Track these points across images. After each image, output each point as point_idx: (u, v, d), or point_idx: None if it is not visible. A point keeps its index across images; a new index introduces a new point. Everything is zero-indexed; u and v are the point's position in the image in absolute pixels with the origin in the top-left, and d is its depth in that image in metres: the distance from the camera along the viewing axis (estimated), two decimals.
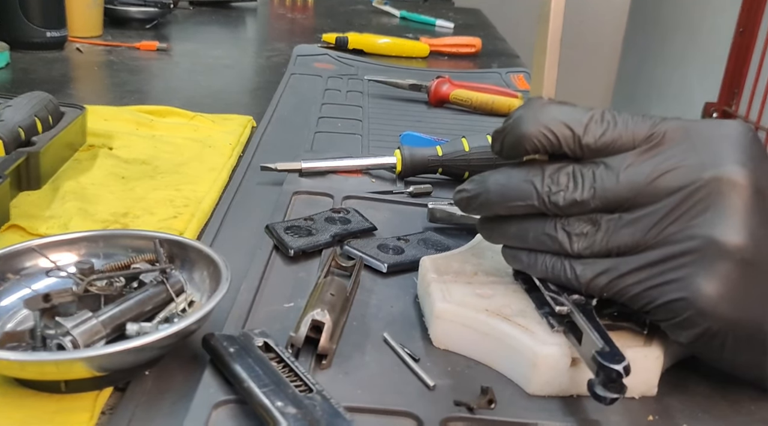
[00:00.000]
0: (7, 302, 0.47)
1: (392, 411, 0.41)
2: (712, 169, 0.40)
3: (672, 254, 0.40)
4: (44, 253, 0.49)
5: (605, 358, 0.39)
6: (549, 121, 0.43)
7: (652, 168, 0.41)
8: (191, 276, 0.50)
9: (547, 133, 0.43)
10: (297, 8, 2.01)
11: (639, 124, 0.42)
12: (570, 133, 0.42)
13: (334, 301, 0.48)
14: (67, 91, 1.05)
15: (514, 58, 1.54)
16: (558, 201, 0.42)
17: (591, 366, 0.40)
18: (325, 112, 1.00)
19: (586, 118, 0.43)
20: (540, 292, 0.46)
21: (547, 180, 0.43)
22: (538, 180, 0.43)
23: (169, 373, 0.44)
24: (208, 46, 1.44)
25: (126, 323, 0.44)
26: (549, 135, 0.43)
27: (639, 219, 0.41)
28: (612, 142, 0.42)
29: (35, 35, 1.22)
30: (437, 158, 0.75)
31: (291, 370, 0.42)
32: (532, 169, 0.44)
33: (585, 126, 0.42)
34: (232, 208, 0.68)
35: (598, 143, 0.42)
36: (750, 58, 2.07)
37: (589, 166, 0.42)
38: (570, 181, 0.42)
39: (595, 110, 0.43)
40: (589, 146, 0.42)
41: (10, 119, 0.69)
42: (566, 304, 0.44)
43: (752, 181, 0.40)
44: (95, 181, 0.71)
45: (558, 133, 0.43)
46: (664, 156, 0.41)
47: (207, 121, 0.92)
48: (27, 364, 0.40)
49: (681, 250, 0.39)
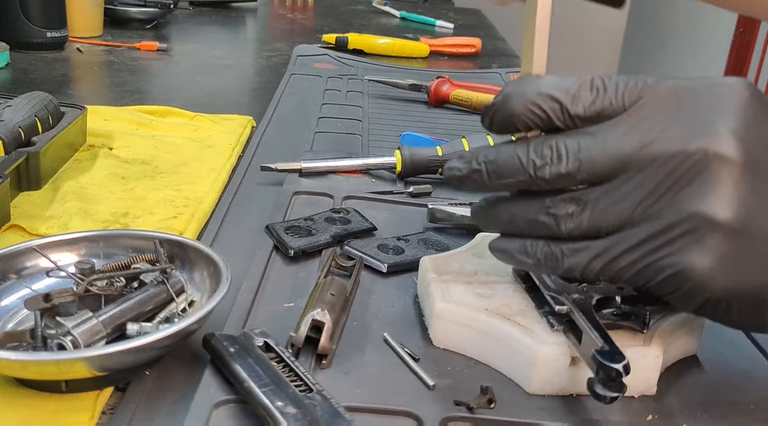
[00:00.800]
0: (8, 302, 0.47)
1: (392, 411, 0.41)
2: (699, 140, 0.38)
3: (661, 230, 0.38)
4: (44, 253, 0.49)
5: (605, 357, 0.39)
6: (535, 97, 0.41)
7: (638, 137, 0.39)
8: (191, 276, 0.50)
9: (535, 109, 0.41)
10: (297, 8, 2.01)
11: (630, 87, 0.40)
12: (558, 105, 0.41)
13: (334, 301, 0.48)
14: (67, 91, 1.05)
15: (514, 58, 1.54)
16: (544, 175, 0.41)
17: (590, 365, 0.40)
18: (325, 112, 1.00)
19: (574, 88, 0.41)
20: (540, 291, 0.46)
21: (531, 154, 0.41)
22: (524, 154, 0.41)
23: (169, 373, 0.44)
24: (208, 46, 1.44)
25: (126, 323, 0.44)
26: (537, 110, 0.41)
27: (626, 194, 0.39)
28: (602, 110, 0.40)
29: (35, 35, 1.22)
30: (437, 158, 0.76)
31: (291, 370, 0.42)
32: (519, 145, 0.42)
33: (573, 96, 0.41)
34: (232, 208, 0.68)
35: (588, 112, 0.40)
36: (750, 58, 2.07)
37: (574, 137, 0.40)
38: (554, 154, 0.40)
39: (585, 78, 0.41)
40: (579, 116, 0.41)
41: (10, 119, 0.69)
42: (566, 304, 0.44)
43: (741, 151, 0.37)
44: (95, 182, 0.71)
45: (546, 107, 0.41)
46: (650, 122, 0.39)
47: (207, 121, 0.92)
48: (28, 364, 0.40)
49: (669, 224, 0.38)
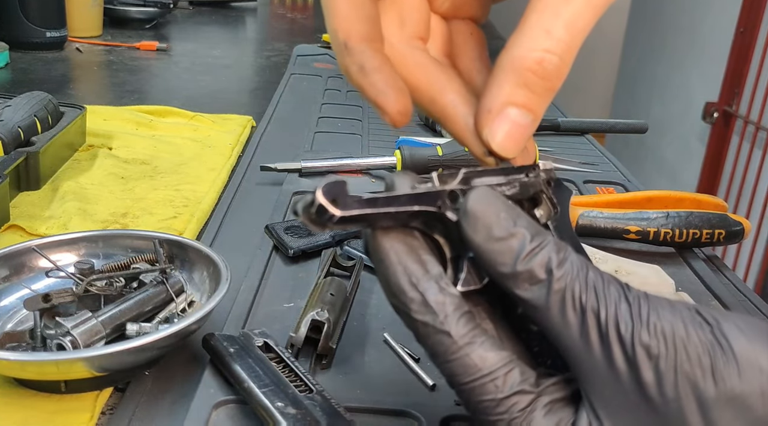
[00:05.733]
0: (7, 302, 0.47)
1: (392, 411, 0.41)
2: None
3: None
4: (44, 253, 0.49)
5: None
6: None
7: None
8: (191, 276, 0.50)
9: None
10: (297, 8, 2.01)
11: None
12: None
13: (334, 301, 0.48)
14: (66, 91, 1.05)
15: None
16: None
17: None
18: (325, 112, 1.00)
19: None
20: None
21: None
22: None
23: (169, 373, 0.44)
24: (208, 45, 1.44)
25: (126, 323, 0.44)
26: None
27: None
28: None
29: (35, 35, 1.22)
30: (437, 158, 0.75)
31: (291, 370, 0.42)
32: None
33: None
34: (232, 208, 0.68)
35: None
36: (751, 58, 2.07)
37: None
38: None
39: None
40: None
41: (10, 119, 0.69)
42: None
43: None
44: (95, 181, 0.71)
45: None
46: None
47: (207, 121, 0.92)
48: (27, 364, 0.40)
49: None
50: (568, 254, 0.29)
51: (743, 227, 0.66)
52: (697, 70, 2.43)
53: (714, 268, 0.65)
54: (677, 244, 0.65)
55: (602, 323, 0.28)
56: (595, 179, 0.84)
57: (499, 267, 0.29)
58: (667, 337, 0.27)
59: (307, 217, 0.26)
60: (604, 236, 0.65)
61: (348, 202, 0.27)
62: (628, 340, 0.27)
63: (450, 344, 0.29)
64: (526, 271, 0.28)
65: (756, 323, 0.28)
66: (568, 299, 0.28)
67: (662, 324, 0.27)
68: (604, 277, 0.29)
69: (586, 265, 0.29)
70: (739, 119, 2.12)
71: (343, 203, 0.26)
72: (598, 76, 3.52)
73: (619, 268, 0.59)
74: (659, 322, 0.27)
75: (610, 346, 0.27)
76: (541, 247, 0.29)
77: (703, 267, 0.64)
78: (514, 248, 0.28)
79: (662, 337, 0.27)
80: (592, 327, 0.28)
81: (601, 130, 1.09)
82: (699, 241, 0.65)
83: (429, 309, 0.29)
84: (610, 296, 0.28)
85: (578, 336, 0.28)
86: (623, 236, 0.65)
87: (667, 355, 0.27)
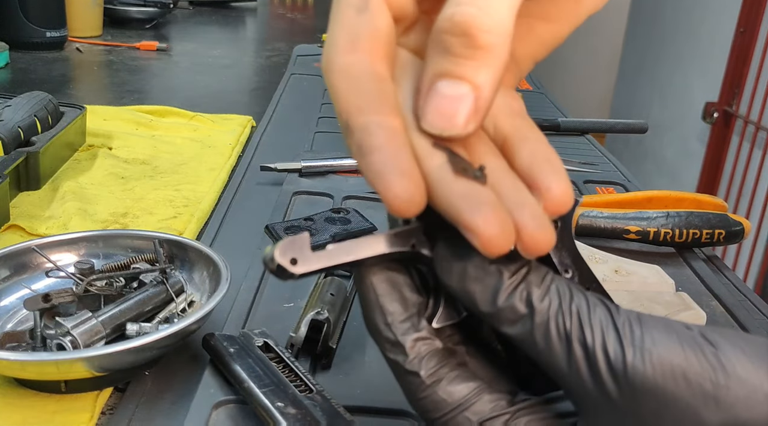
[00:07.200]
0: (7, 302, 0.47)
1: (392, 411, 0.41)
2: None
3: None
4: (44, 253, 0.49)
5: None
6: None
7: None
8: (191, 276, 0.50)
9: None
10: (297, 8, 2.01)
11: None
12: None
13: (334, 301, 0.48)
14: (66, 91, 1.05)
15: None
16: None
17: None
18: (325, 112, 1.00)
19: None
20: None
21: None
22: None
23: (169, 373, 0.44)
24: (208, 45, 1.44)
25: (126, 323, 0.44)
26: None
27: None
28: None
29: (35, 35, 1.22)
30: None
31: (291, 370, 0.42)
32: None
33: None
34: (232, 208, 0.68)
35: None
36: (750, 58, 2.07)
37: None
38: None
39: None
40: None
41: (10, 119, 0.69)
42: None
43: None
44: (95, 181, 0.71)
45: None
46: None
47: (207, 121, 0.92)
48: (27, 364, 0.40)
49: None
50: (550, 282, 0.27)
51: (743, 227, 0.66)
52: (697, 71, 2.42)
53: (714, 268, 0.65)
54: (677, 244, 0.65)
55: (590, 353, 0.26)
56: (595, 179, 0.84)
57: (478, 306, 0.28)
58: (664, 364, 0.25)
59: (270, 270, 0.27)
60: (604, 236, 0.65)
61: (308, 258, 0.27)
62: (620, 370, 0.25)
63: (419, 384, 0.29)
64: (507, 308, 0.27)
65: (760, 344, 0.26)
66: (552, 331, 0.27)
67: (657, 349, 0.25)
68: (590, 302, 0.27)
69: (569, 290, 0.27)
70: (739, 119, 2.12)
71: (303, 260, 0.27)
72: (598, 76, 3.52)
73: (619, 268, 0.59)
74: (654, 347, 0.25)
75: (600, 376, 0.26)
76: (520, 280, 0.27)
77: (703, 267, 0.64)
78: (490, 286, 0.27)
79: (658, 364, 0.25)
80: (580, 358, 0.26)
81: (601, 130, 1.09)
82: (699, 241, 0.65)
83: (400, 349, 0.29)
84: (596, 323, 0.26)
85: (566, 367, 0.27)
86: (623, 236, 0.65)
87: (664, 384, 0.25)
